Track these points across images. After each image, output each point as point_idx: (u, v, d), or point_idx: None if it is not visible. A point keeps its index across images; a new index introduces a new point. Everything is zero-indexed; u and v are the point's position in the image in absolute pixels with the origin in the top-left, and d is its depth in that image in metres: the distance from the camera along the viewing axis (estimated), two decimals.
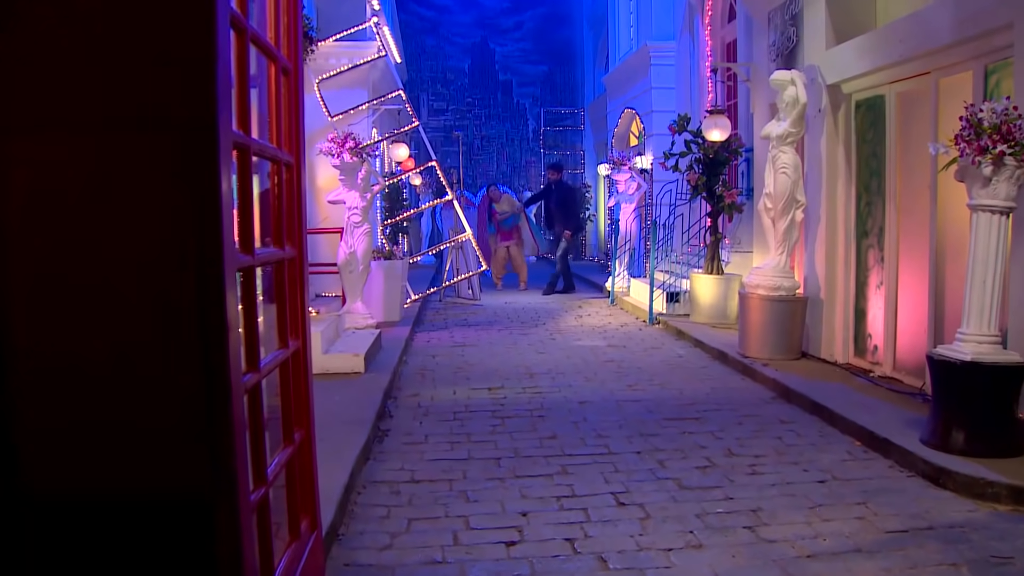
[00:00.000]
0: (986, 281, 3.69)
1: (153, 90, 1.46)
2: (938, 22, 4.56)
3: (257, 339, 1.78)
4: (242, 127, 1.67)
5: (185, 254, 1.47)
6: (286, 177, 2.13)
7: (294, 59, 2.14)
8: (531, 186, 18.45)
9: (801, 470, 3.83)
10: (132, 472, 1.49)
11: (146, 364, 1.48)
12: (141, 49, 1.46)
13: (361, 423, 4.32)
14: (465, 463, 3.98)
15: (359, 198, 7.47)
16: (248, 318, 1.74)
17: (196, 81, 1.45)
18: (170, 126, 1.46)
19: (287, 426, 2.16)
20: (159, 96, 1.46)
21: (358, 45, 9.64)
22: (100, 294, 1.49)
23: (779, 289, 5.96)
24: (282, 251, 2.09)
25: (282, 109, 2.12)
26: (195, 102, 1.46)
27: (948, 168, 3.88)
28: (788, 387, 5.16)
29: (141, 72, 1.46)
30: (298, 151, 2.18)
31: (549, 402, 5.16)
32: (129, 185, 1.48)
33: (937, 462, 3.61)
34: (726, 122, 7.39)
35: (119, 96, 1.47)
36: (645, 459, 4.00)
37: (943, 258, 4.86)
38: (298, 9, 2.17)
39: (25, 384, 1.47)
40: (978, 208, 3.70)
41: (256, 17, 1.96)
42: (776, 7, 6.66)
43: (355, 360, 5.60)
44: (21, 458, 1.46)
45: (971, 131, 3.65)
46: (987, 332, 3.70)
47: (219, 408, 1.48)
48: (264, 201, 2.09)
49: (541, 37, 18.68)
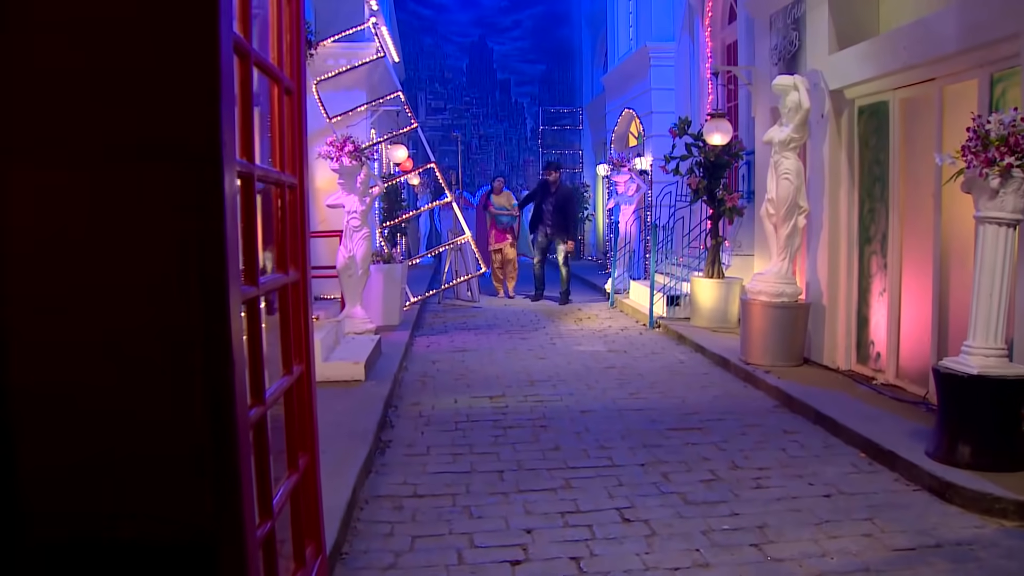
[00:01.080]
0: (993, 294, 3.67)
1: (156, 119, 1.42)
2: (943, 30, 4.53)
3: (262, 371, 1.74)
4: (245, 154, 1.64)
5: (189, 288, 1.44)
6: (289, 199, 2.10)
7: (297, 78, 2.10)
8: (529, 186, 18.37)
9: (806, 483, 3.80)
10: (134, 512, 1.45)
11: (149, 402, 1.45)
12: (144, 78, 1.42)
13: (362, 435, 4.28)
14: (468, 476, 3.95)
15: (358, 202, 7.42)
16: (253, 349, 1.71)
17: (200, 111, 1.42)
18: (173, 156, 1.42)
19: (292, 453, 2.12)
20: (162, 125, 1.42)
21: (357, 46, 9.59)
22: (101, 329, 1.45)
23: (781, 296, 5.94)
24: (286, 276, 2.06)
25: (285, 130, 2.09)
26: (198, 132, 1.42)
27: (955, 179, 3.85)
28: (791, 396, 5.14)
29: (144, 101, 1.42)
30: (301, 172, 2.15)
31: (551, 411, 5.13)
32: (131, 217, 1.44)
33: (943, 476, 3.58)
34: (727, 126, 7.35)
35: (121, 125, 1.43)
36: (649, 472, 3.98)
37: (947, 266, 4.84)
38: (301, 28, 2.13)
39: (23, 422, 1.43)
40: (985, 220, 3.67)
41: (258, 36, 1.92)
42: (778, 11, 6.62)
43: (355, 368, 5.56)
44: (19, 499, 1.43)
45: (978, 143, 3.62)
46: (994, 345, 3.68)
47: (225, 448, 1.44)
48: (265, 213, 2.05)
49: (539, 36, 18.59)
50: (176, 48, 1.41)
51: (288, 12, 2.03)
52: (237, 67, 1.61)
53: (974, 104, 4.50)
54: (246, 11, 1.60)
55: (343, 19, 9.52)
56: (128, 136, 1.43)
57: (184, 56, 1.42)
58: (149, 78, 1.42)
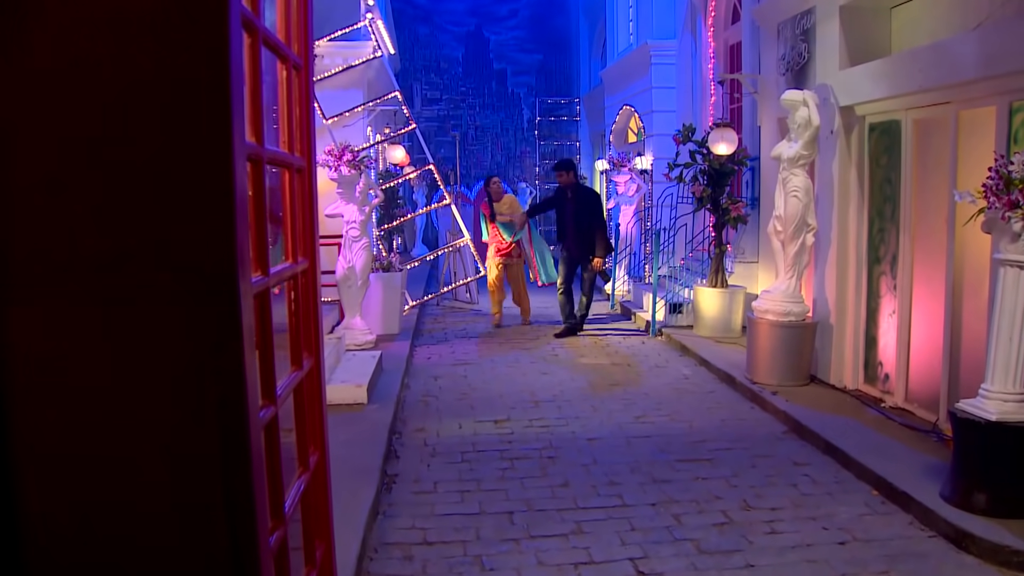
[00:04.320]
0: (1012, 338, 3.60)
1: (167, 237, 1.34)
2: (962, 56, 4.42)
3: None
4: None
5: (205, 410, 1.37)
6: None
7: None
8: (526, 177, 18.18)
9: (820, 528, 3.75)
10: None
11: (162, 534, 1.38)
12: (158, 192, 1.34)
13: (368, 472, 4.21)
14: (477, 519, 3.88)
15: (357, 211, 7.30)
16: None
17: (215, 230, 1.33)
18: (186, 274, 1.34)
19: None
20: (175, 246, 1.34)
21: (353, 45, 9.41)
22: (114, 463, 1.38)
23: (789, 315, 5.87)
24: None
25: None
26: (214, 254, 1.33)
27: (975, 219, 3.76)
28: (799, 422, 5.09)
29: (157, 216, 1.34)
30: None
31: (557, 439, 5.06)
32: (141, 341, 1.37)
33: (960, 524, 3.54)
34: (733, 135, 7.24)
35: (129, 245, 1.35)
36: (660, 513, 3.92)
37: (960, 293, 4.77)
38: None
39: (42, 555, 1.37)
40: (1006, 263, 3.59)
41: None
42: (786, 20, 6.49)
43: (358, 391, 5.48)
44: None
45: (1000, 183, 3.53)
46: (1012, 390, 3.62)
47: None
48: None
49: (536, 25, 18.33)
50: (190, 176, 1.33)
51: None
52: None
53: (991, 130, 4.41)
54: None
55: (338, 17, 9.31)
56: (139, 257, 1.34)
57: (198, 191, 1.33)
58: (163, 202, 1.33)
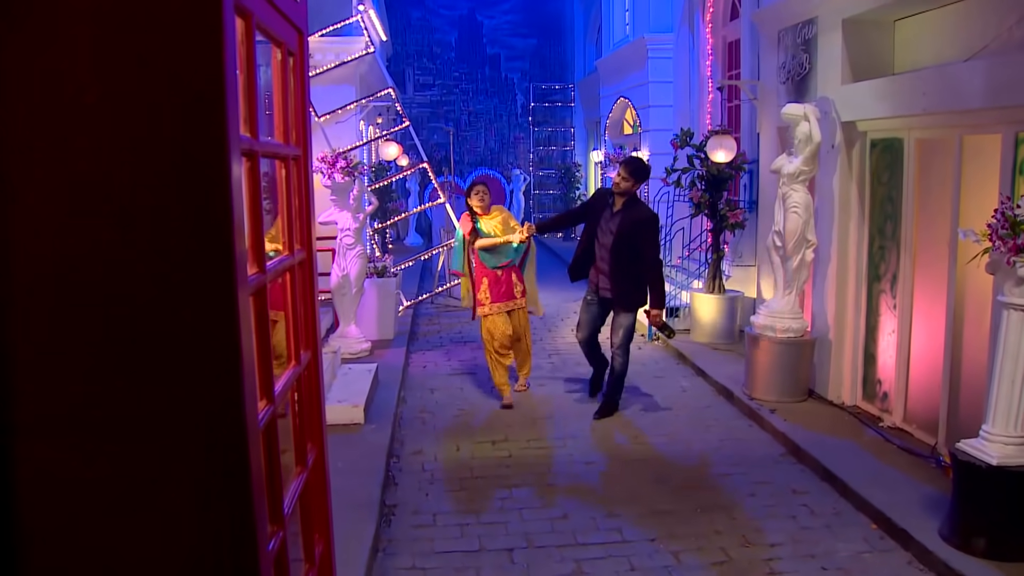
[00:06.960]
0: (1015, 381, 3.58)
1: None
2: (968, 84, 4.35)
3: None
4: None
5: (221, 557, 1.35)
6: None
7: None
8: (520, 163, 17.99)
9: (819, 567, 3.76)
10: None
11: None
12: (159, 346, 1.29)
13: (368, 506, 4.19)
14: (477, 557, 3.87)
15: (351, 219, 7.21)
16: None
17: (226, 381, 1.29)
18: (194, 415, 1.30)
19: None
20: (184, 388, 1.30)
21: (345, 40, 9.24)
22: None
23: (788, 331, 5.85)
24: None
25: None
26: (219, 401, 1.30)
27: (980, 259, 3.72)
28: (798, 445, 5.08)
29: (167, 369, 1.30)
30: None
31: (555, 462, 5.05)
32: (152, 491, 1.34)
33: (958, 568, 3.54)
34: (731, 143, 7.16)
35: (137, 396, 1.31)
36: (660, 550, 3.92)
37: (962, 319, 4.75)
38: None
39: None
40: (1010, 306, 3.56)
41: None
42: (787, 28, 6.38)
43: (355, 412, 5.45)
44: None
45: (1006, 226, 3.49)
46: (1014, 433, 3.60)
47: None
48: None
49: (530, 9, 18.04)
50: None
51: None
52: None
53: (995, 156, 4.36)
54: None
55: (329, 11, 9.13)
56: (149, 412, 1.31)
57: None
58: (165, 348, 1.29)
